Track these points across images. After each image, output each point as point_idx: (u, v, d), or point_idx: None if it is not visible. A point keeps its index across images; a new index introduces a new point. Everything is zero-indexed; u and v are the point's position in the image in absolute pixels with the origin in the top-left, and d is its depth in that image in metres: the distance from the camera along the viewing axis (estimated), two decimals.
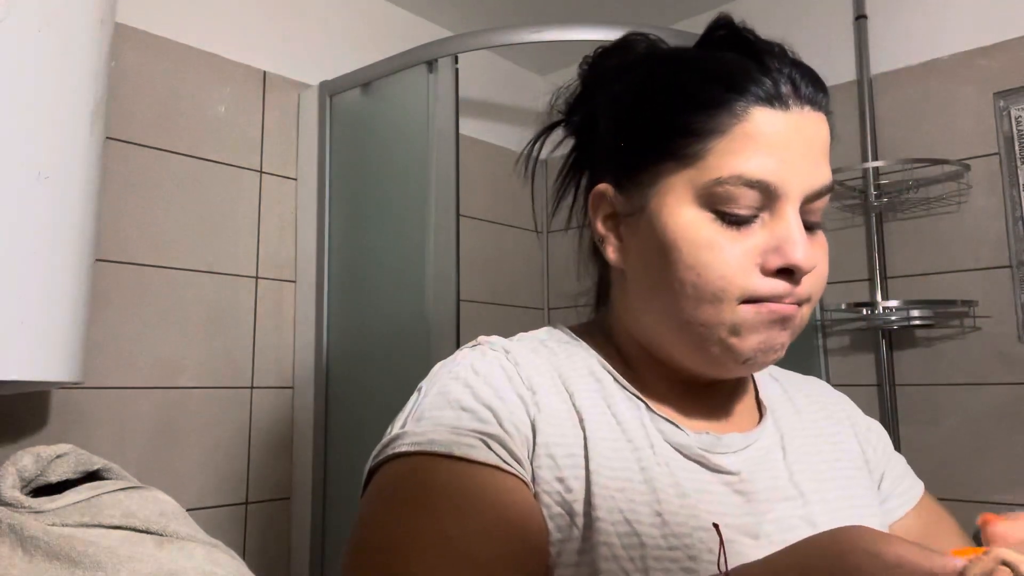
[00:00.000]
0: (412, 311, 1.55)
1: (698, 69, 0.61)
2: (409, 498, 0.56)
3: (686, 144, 0.59)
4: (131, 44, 1.58)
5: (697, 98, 0.59)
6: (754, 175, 0.57)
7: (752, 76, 0.59)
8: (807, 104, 0.59)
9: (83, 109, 1.15)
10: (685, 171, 0.59)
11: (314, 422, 1.70)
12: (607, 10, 2.14)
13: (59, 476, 0.82)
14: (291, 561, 1.72)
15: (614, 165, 0.65)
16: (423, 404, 0.61)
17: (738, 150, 0.57)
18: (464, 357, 0.64)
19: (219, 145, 1.70)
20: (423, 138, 1.58)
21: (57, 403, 1.42)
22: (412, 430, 0.59)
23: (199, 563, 0.77)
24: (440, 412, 0.59)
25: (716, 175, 0.58)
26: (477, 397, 0.60)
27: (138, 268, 1.55)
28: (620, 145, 0.64)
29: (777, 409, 0.71)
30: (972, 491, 1.72)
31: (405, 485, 0.57)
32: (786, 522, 0.61)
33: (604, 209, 0.66)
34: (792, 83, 0.59)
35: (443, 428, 0.58)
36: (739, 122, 0.58)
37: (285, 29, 1.87)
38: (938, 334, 1.80)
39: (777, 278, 0.59)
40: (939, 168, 1.78)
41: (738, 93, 0.58)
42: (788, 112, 0.58)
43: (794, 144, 0.58)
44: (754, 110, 0.58)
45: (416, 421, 0.59)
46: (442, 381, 0.62)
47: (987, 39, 1.79)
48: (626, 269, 0.66)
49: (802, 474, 0.65)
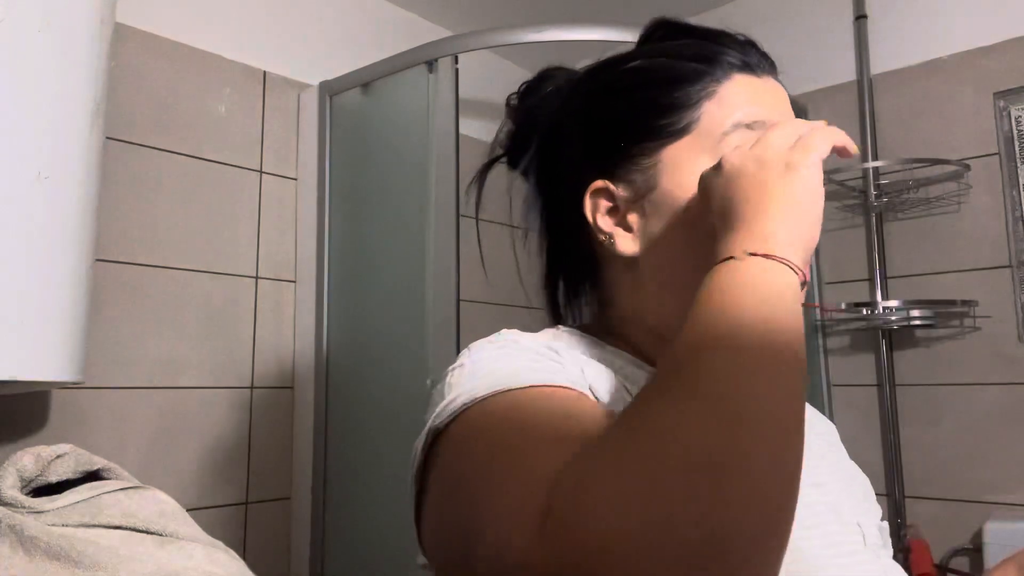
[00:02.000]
0: (412, 311, 1.55)
1: (667, 54, 0.66)
2: (508, 416, 0.50)
3: (680, 118, 0.63)
4: (131, 44, 1.58)
5: (678, 76, 0.64)
6: (752, 118, 0.62)
7: (722, 49, 0.64)
8: (770, 74, 0.65)
9: (83, 109, 1.15)
10: (685, 140, 0.63)
11: (314, 422, 1.70)
12: (607, 10, 2.14)
13: (59, 476, 0.82)
14: (291, 561, 1.72)
15: (602, 161, 0.66)
16: (473, 368, 0.55)
17: (730, 105, 0.62)
18: (499, 337, 0.61)
19: (219, 145, 1.70)
20: (423, 138, 1.58)
21: (57, 403, 1.42)
22: (474, 385, 0.52)
23: (199, 563, 0.77)
24: (503, 364, 0.55)
25: (719, 130, 0.62)
26: (539, 354, 0.57)
27: (138, 268, 1.55)
28: (605, 141, 0.66)
29: None
30: (972, 491, 1.72)
31: (499, 412, 0.50)
32: (814, 507, 0.61)
33: (603, 206, 0.66)
34: (757, 52, 0.65)
35: (518, 372, 0.53)
36: (723, 85, 0.63)
37: (285, 29, 1.87)
38: (938, 334, 1.80)
39: None
40: (939, 168, 1.78)
41: (714, 63, 0.64)
42: (761, 78, 0.64)
43: (774, 105, 0.63)
44: (734, 74, 0.63)
45: (476, 379, 0.53)
46: (485, 349, 0.58)
47: (987, 39, 1.79)
48: (642, 255, 0.65)
49: (823, 471, 0.66)
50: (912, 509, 1.80)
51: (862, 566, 0.60)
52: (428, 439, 0.53)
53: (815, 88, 2.02)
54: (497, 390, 0.51)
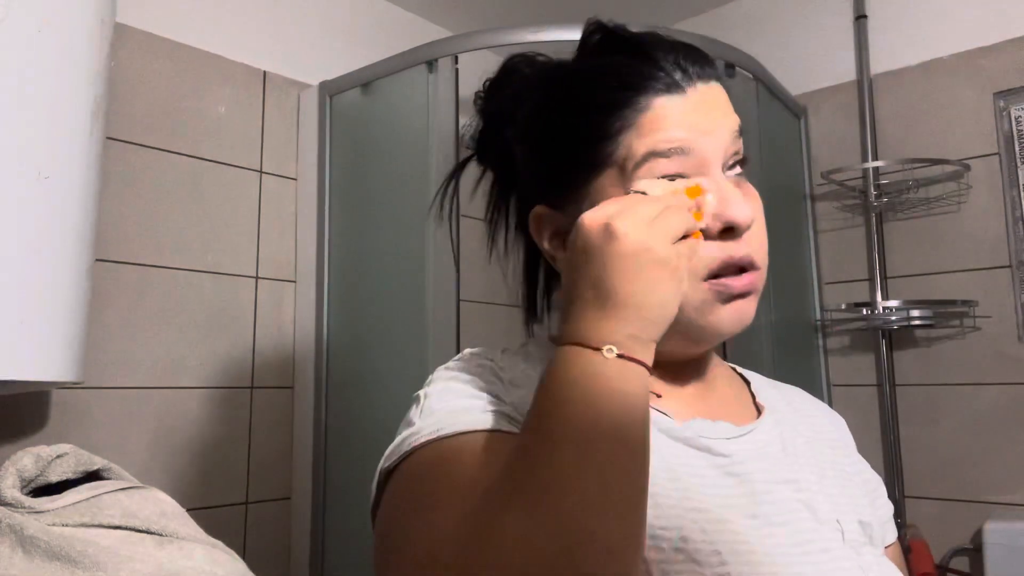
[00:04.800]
0: (412, 311, 1.55)
1: (592, 79, 0.64)
2: (439, 468, 0.56)
3: (602, 148, 0.62)
4: (131, 44, 1.58)
5: (600, 105, 0.62)
6: (665, 145, 0.60)
7: (644, 71, 0.62)
8: (698, 81, 0.63)
9: (83, 109, 1.15)
10: (609, 171, 0.62)
11: (314, 422, 1.70)
12: (607, 11, 2.14)
13: (59, 476, 0.82)
14: (291, 561, 1.72)
15: (543, 187, 0.68)
16: (427, 404, 0.62)
17: (647, 133, 0.61)
18: (455, 363, 0.67)
19: (219, 145, 1.70)
20: (423, 138, 1.58)
21: (57, 403, 1.42)
22: (427, 423, 0.59)
23: (199, 563, 0.77)
24: (448, 403, 0.61)
25: (634, 161, 0.61)
26: (479, 387, 0.62)
27: (138, 268, 1.55)
28: (543, 168, 0.68)
29: (777, 410, 0.72)
30: (972, 491, 1.72)
31: (433, 463, 0.56)
32: (785, 504, 0.62)
33: (547, 228, 0.68)
34: (680, 68, 0.62)
35: (458, 413, 0.59)
36: (643, 113, 0.61)
37: (285, 29, 1.87)
38: (938, 334, 1.80)
39: (722, 240, 0.61)
40: (939, 168, 1.78)
41: (636, 91, 0.62)
42: (685, 95, 0.62)
43: (699, 117, 0.62)
44: (654, 100, 0.61)
45: (425, 417, 0.60)
46: (443, 382, 0.64)
47: (987, 39, 1.79)
48: None
49: (802, 469, 0.66)
50: (912, 509, 1.80)
51: (836, 563, 0.60)
52: (380, 478, 0.60)
53: (815, 88, 2.02)
54: (431, 438, 0.57)
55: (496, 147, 0.75)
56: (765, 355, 1.63)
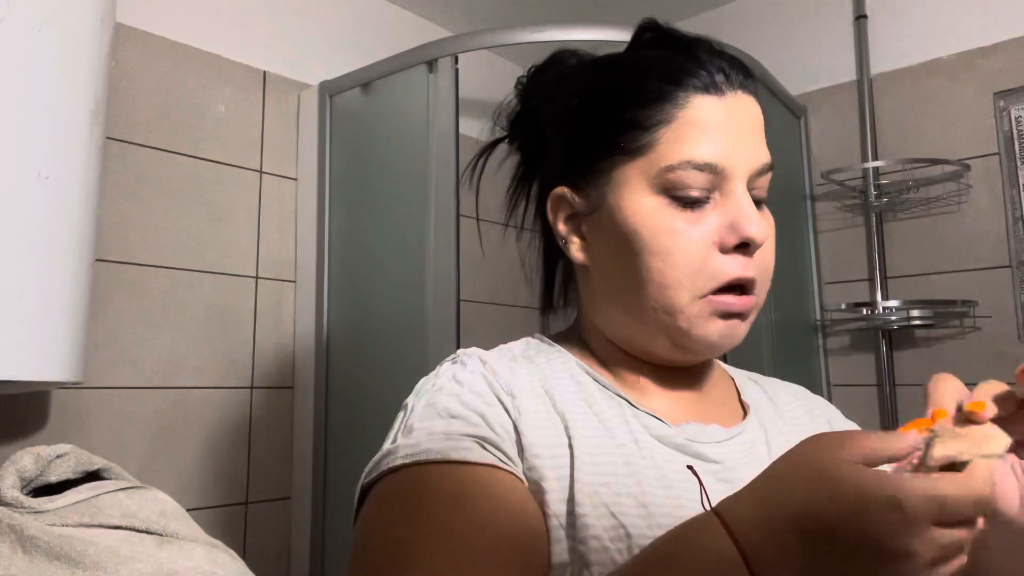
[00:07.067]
0: (412, 311, 1.55)
1: (638, 68, 0.66)
2: (409, 504, 0.56)
3: (635, 137, 0.63)
4: (131, 44, 1.58)
5: (640, 93, 0.64)
6: (702, 158, 0.61)
7: (688, 68, 0.64)
8: (739, 89, 0.64)
9: (83, 109, 1.15)
10: (637, 162, 0.63)
11: (314, 422, 1.70)
12: (607, 10, 2.14)
13: (59, 476, 0.82)
14: (291, 561, 1.72)
15: (568, 168, 0.69)
16: (411, 418, 0.62)
17: (684, 137, 0.62)
18: (445, 370, 0.66)
19: (219, 145, 1.70)
20: (423, 138, 1.58)
21: (57, 403, 1.42)
22: (404, 443, 0.59)
23: (199, 563, 0.77)
24: (430, 423, 0.60)
25: (667, 162, 0.62)
26: (464, 404, 0.61)
27: (138, 268, 1.55)
28: (572, 148, 0.68)
29: (760, 409, 0.73)
30: None
31: (404, 494, 0.57)
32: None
33: (564, 211, 0.69)
34: (723, 72, 0.64)
35: (436, 436, 0.59)
36: (681, 111, 0.62)
37: (285, 29, 1.87)
38: (938, 334, 1.80)
39: (734, 254, 0.63)
40: (939, 168, 1.78)
41: (677, 85, 0.63)
42: (724, 97, 0.63)
43: (734, 126, 0.63)
44: (694, 98, 0.63)
45: (407, 434, 0.60)
46: (428, 394, 0.64)
47: (987, 39, 1.79)
48: (591, 265, 0.69)
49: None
50: None
51: None
52: (360, 493, 0.61)
53: (815, 88, 2.02)
54: (405, 463, 0.58)
55: (529, 126, 0.75)
56: (765, 355, 1.63)
